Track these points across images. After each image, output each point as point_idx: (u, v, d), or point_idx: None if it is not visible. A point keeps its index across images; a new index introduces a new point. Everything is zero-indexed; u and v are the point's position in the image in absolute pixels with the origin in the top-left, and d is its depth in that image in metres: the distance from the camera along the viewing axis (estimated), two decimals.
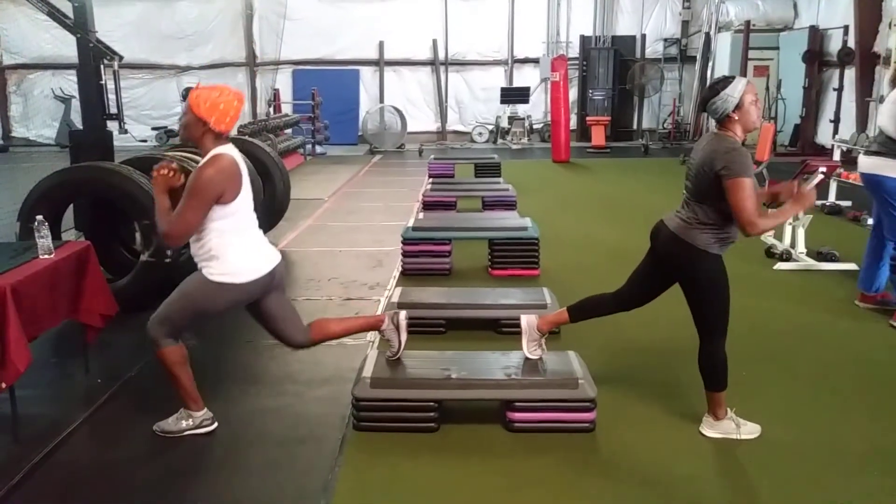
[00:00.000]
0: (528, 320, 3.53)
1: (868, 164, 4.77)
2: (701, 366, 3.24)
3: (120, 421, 3.52)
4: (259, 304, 3.28)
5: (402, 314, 3.53)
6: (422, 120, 16.78)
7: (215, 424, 3.34)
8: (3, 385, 3.13)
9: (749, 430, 3.26)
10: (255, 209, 3.30)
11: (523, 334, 3.52)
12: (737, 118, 3.09)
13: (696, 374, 3.54)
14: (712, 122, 3.25)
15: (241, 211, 3.11)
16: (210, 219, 3.03)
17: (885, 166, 4.62)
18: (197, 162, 3.26)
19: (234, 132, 10.82)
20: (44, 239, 3.59)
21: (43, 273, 3.47)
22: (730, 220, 3.08)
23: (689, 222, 3.14)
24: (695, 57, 16.36)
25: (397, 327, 3.48)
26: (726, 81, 3.11)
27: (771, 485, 2.92)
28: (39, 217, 3.67)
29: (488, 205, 8.01)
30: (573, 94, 16.04)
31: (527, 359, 3.50)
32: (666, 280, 3.35)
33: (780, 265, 6.06)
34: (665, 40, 16.66)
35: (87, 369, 4.04)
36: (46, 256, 3.58)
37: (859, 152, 9.86)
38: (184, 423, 3.29)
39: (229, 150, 3.09)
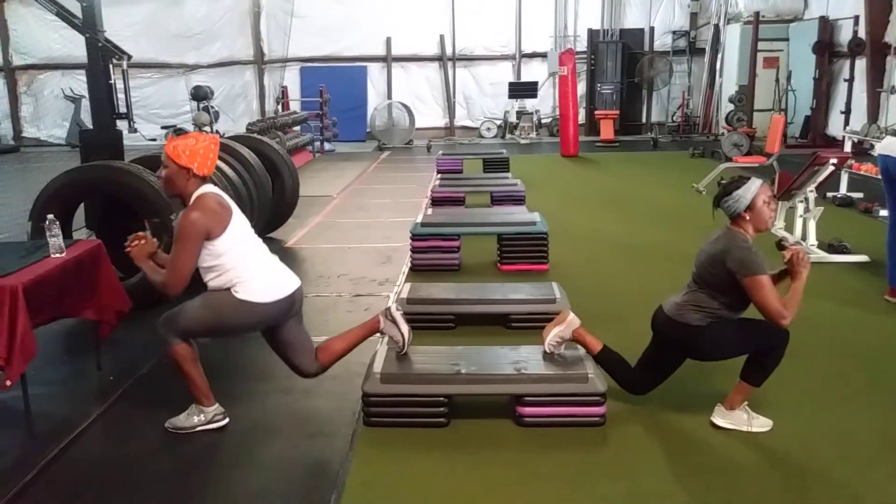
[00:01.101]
0: (572, 318, 3.52)
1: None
2: (756, 354, 3.23)
3: (132, 417, 3.55)
4: (277, 329, 3.32)
5: (394, 306, 3.52)
6: (430, 116, 16.78)
7: (227, 419, 3.36)
8: (9, 382, 3.15)
9: (761, 423, 3.24)
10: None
11: (558, 324, 3.49)
12: (748, 218, 3.16)
13: (707, 367, 3.53)
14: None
15: (241, 241, 3.17)
16: (215, 256, 3.10)
17: None
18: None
19: (243, 131, 10.81)
20: (55, 238, 3.62)
21: (54, 272, 3.49)
22: (727, 310, 3.18)
23: (684, 305, 3.26)
24: (704, 49, 16.28)
25: (394, 321, 3.47)
26: (740, 182, 3.18)
27: (782, 477, 2.90)
28: (50, 216, 3.69)
29: (497, 200, 8.01)
30: (581, 88, 15.99)
31: (536, 354, 3.49)
32: (674, 359, 3.42)
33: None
34: (674, 33, 16.57)
35: (100, 366, 4.07)
36: (58, 255, 3.60)
37: (872, 144, 9.82)
38: (195, 419, 3.31)
39: (210, 188, 3.17)
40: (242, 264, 3.15)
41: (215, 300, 3.18)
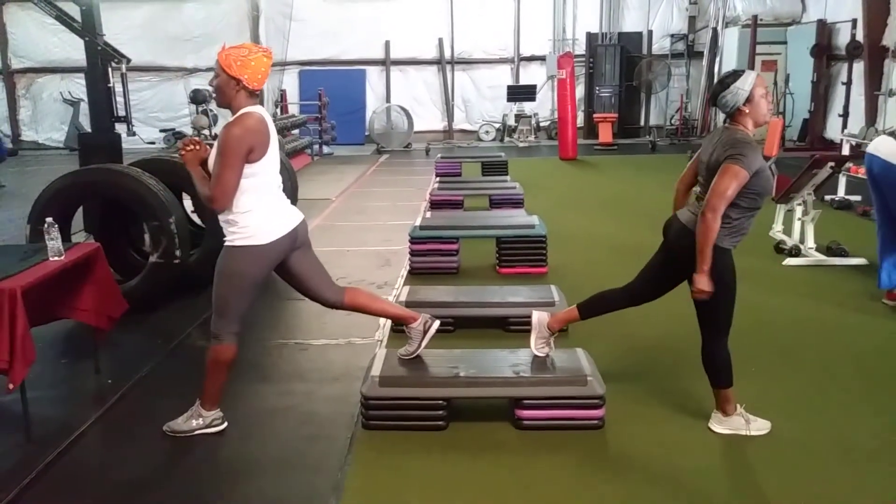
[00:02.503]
0: (538, 317, 3.53)
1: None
2: (704, 364, 3.24)
3: (130, 421, 3.54)
4: (286, 264, 3.29)
5: (436, 324, 3.56)
6: (428, 119, 16.79)
7: (225, 424, 3.35)
8: (11, 386, 3.15)
9: (759, 427, 3.24)
10: (281, 172, 3.30)
11: (533, 330, 3.52)
12: (747, 111, 3.07)
13: (702, 369, 3.53)
14: (720, 118, 3.24)
15: (264, 172, 3.11)
16: (242, 175, 3.03)
17: None
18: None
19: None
20: (54, 241, 3.61)
21: (53, 275, 3.49)
22: (742, 214, 3.06)
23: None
24: (702, 52, 16.31)
25: (425, 332, 3.51)
26: (736, 75, 3.10)
27: (779, 480, 2.90)
28: (49, 219, 3.69)
29: (495, 203, 8.01)
30: (580, 91, 16.00)
31: (535, 356, 3.49)
32: (677, 275, 3.33)
33: (790, 261, 6.03)
34: (672, 36, 16.60)
35: (98, 369, 4.06)
36: (56, 258, 3.60)
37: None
38: (194, 423, 3.30)
39: (258, 109, 3.11)
40: (252, 195, 3.06)
41: (222, 265, 3.13)
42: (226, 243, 3.14)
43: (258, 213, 3.10)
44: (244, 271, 3.13)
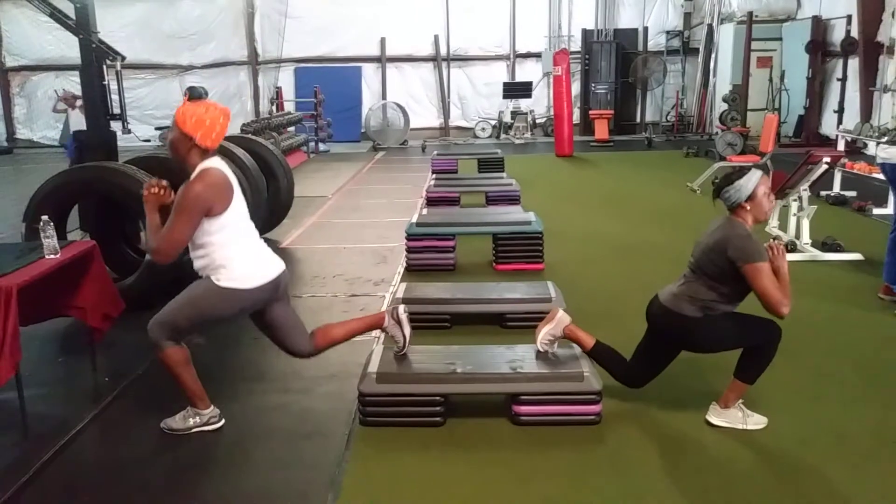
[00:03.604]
0: (561, 315, 3.53)
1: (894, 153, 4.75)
2: (748, 351, 3.24)
3: (128, 419, 3.54)
4: (264, 313, 3.28)
5: (402, 308, 3.51)
6: (424, 116, 16.78)
7: (222, 421, 3.35)
8: None
9: (756, 421, 3.26)
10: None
11: (548, 322, 3.50)
12: (748, 208, 3.18)
13: (702, 366, 3.55)
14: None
15: (236, 221, 3.12)
16: (208, 233, 3.04)
17: None
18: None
19: (237, 131, 10.80)
20: (49, 239, 3.61)
21: (49, 273, 3.48)
22: (724, 302, 3.18)
23: (680, 296, 3.25)
24: (697, 49, 16.33)
25: (399, 322, 3.47)
26: (741, 172, 3.20)
27: (777, 475, 2.92)
28: (45, 217, 3.68)
29: (492, 200, 8.01)
30: (576, 87, 16.00)
31: (533, 353, 3.50)
32: (671, 352, 3.41)
33: (786, 256, 6.04)
34: (667, 33, 16.61)
35: (95, 368, 4.06)
36: (52, 256, 3.59)
37: (865, 143, 9.84)
38: (191, 421, 3.30)
39: (216, 162, 3.10)
40: (230, 246, 3.08)
41: (197, 291, 3.13)
42: (211, 279, 3.10)
43: (240, 258, 3.11)
44: (217, 309, 3.14)
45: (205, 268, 3.12)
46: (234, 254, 3.09)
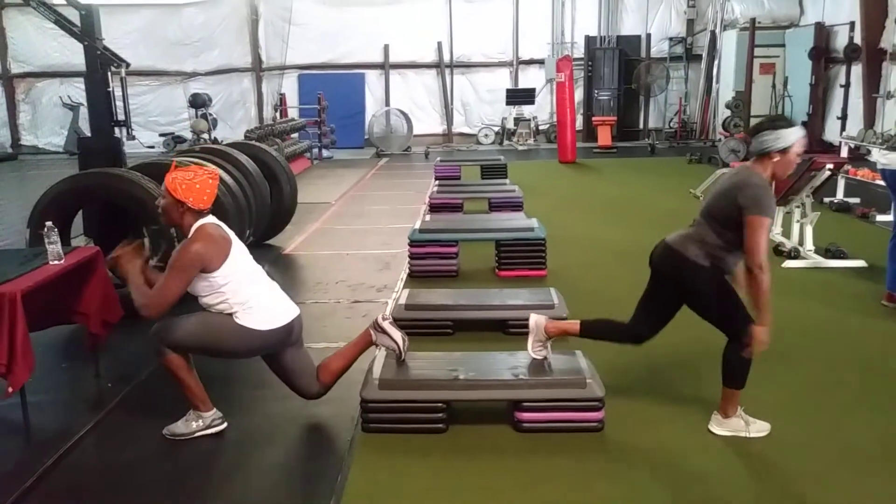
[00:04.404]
0: (536, 320, 3.53)
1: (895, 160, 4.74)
2: (725, 359, 3.23)
3: (130, 425, 3.54)
4: (278, 357, 3.36)
5: (380, 317, 3.52)
6: (427, 122, 16.81)
7: (225, 424, 3.36)
8: (10, 390, 3.16)
9: (758, 429, 3.25)
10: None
11: (530, 333, 3.53)
12: (775, 160, 3.10)
13: (704, 372, 3.54)
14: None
15: (235, 271, 3.18)
16: (216, 286, 3.14)
17: None
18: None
19: (241, 137, 10.84)
20: (53, 245, 3.62)
21: (53, 279, 3.50)
22: (728, 251, 3.12)
23: (688, 238, 3.21)
24: (700, 55, 16.35)
25: (384, 331, 3.47)
26: (788, 122, 3.14)
27: (779, 483, 2.91)
28: (49, 223, 3.70)
29: (495, 206, 8.02)
30: (579, 94, 16.02)
31: (534, 359, 3.50)
32: (671, 300, 3.36)
33: (789, 263, 6.04)
34: (670, 39, 16.63)
35: (98, 373, 4.06)
36: (56, 262, 3.61)
37: (868, 150, 9.83)
38: (194, 425, 3.31)
39: (209, 219, 3.20)
40: (244, 291, 3.18)
41: (215, 322, 3.19)
42: (230, 313, 3.18)
43: (257, 301, 3.20)
44: (229, 342, 3.21)
45: (222, 311, 3.19)
46: (251, 297, 3.19)
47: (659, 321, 3.41)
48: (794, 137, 3.07)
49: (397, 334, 3.46)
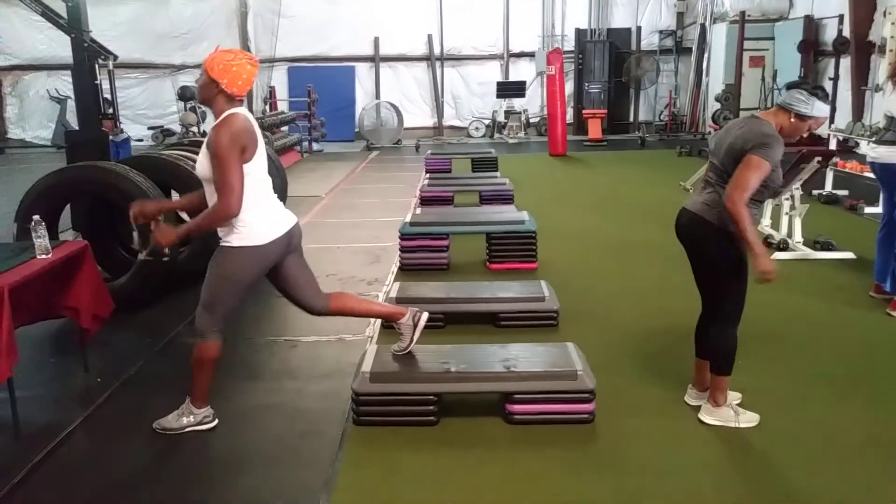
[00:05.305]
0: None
1: (884, 152, 4.74)
2: (712, 346, 3.24)
3: (120, 419, 3.52)
4: (278, 268, 3.28)
5: (425, 315, 3.56)
6: (418, 115, 16.78)
7: (216, 421, 3.35)
8: None
9: (748, 419, 3.27)
10: (269, 172, 3.29)
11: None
12: (791, 121, 3.08)
13: (693, 363, 3.55)
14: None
15: (256, 172, 3.11)
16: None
17: None
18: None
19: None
20: (41, 239, 3.59)
21: (40, 273, 3.47)
22: (749, 201, 3.02)
23: (710, 204, 3.14)
24: (690, 48, 16.37)
25: (415, 325, 3.51)
26: (826, 96, 3.10)
27: (769, 473, 2.93)
28: (36, 217, 3.66)
29: (486, 199, 8.02)
30: (569, 87, 16.03)
31: (525, 351, 3.50)
32: (701, 265, 3.29)
33: (778, 255, 6.07)
34: (660, 32, 16.65)
35: (87, 368, 4.04)
36: (44, 256, 3.58)
37: (857, 142, 9.88)
38: (185, 420, 3.30)
39: (242, 110, 3.11)
40: (249, 197, 3.04)
41: (217, 264, 3.13)
42: (221, 243, 3.13)
43: (254, 213, 3.09)
44: (239, 272, 3.13)
45: (224, 230, 3.11)
46: (248, 206, 3.05)
47: (706, 295, 3.34)
48: (819, 112, 3.07)
49: (417, 335, 3.52)
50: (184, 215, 5.65)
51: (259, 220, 3.11)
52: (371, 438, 3.23)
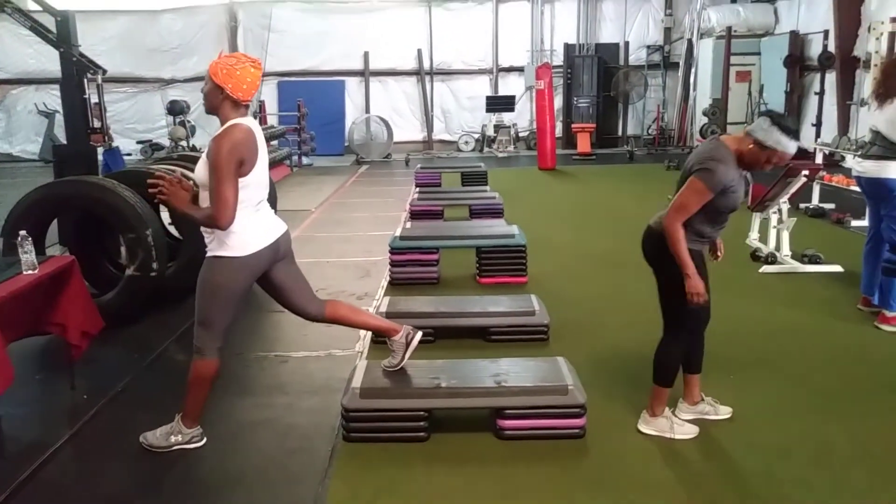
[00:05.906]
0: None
1: (870, 167, 4.76)
2: (656, 356, 3.29)
3: (107, 437, 3.48)
4: (268, 275, 3.26)
5: (418, 335, 3.55)
6: (408, 129, 16.80)
7: (204, 440, 3.31)
8: None
9: (684, 431, 3.28)
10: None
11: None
12: (750, 147, 3.02)
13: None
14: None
15: (254, 185, 3.08)
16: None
17: (888, 168, 4.63)
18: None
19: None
20: (27, 254, 3.56)
21: (27, 289, 3.44)
22: (703, 224, 3.12)
23: (664, 216, 3.19)
24: (678, 63, 16.52)
25: (408, 344, 3.50)
26: (794, 135, 3.01)
27: (760, 486, 2.92)
28: (23, 232, 3.64)
29: (475, 213, 8.02)
30: (558, 101, 16.11)
31: (516, 366, 3.49)
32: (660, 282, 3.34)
33: (766, 268, 6.10)
34: (648, 47, 16.79)
35: (73, 385, 3.99)
36: (31, 272, 3.55)
37: (843, 156, 9.97)
38: (173, 439, 3.26)
39: (246, 120, 3.09)
40: (240, 209, 3.01)
41: (205, 276, 3.10)
42: (208, 254, 3.11)
43: (242, 224, 3.06)
44: (226, 283, 3.10)
45: (210, 240, 3.09)
46: (237, 220, 3.02)
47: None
48: (782, 147, 2.98)
49: (409, 354, 3.51)
50: (172, 229, 5.65)
51: (247, 230, 3.08)
52: (361, 454, 3.21)
